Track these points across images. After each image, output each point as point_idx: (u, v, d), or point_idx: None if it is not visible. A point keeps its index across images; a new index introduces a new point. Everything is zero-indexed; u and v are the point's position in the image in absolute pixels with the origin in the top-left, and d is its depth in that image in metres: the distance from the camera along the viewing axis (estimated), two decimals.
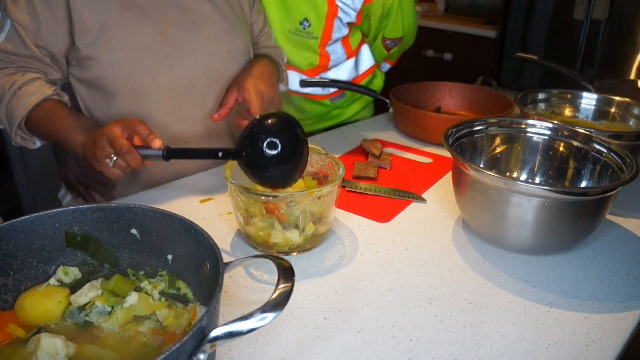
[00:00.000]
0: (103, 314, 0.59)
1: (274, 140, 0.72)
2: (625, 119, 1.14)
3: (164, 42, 0.99)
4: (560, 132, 0.92)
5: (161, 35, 0.99)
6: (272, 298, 0.47)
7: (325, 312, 0.68)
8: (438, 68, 3.41)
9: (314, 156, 0.87)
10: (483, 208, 0.79)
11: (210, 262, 0.55)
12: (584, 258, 0.81)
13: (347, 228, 0.88)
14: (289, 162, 0.74)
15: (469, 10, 3.58)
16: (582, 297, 0.72)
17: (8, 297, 0.59)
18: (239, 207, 0.78)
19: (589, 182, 0.89)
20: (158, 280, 0.63)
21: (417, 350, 0.61)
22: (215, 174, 1.08)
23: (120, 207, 0.62)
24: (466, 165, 0.77)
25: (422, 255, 0.81)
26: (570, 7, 2.45)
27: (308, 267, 0.77)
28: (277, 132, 0.73)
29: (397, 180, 1.07)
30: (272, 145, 0.72)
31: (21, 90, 0.92)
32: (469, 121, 0.93)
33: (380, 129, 1.38)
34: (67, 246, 0.62)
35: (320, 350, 0.61)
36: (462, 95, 1.48)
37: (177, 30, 1.00)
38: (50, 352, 0.52)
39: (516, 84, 2.82)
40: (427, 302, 0.70)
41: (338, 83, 1.36)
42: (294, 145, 0.74)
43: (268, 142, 0.72)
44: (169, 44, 0.99)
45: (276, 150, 0.72)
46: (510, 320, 0.67)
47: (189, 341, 0.42)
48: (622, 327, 0.66)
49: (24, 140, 0.96)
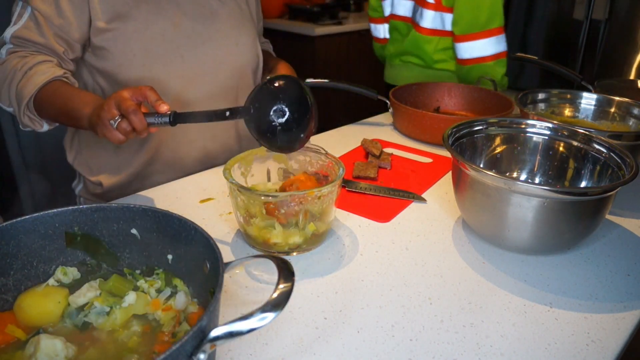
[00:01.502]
0: (102, 314, 0.59)
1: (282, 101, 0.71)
2: (625, 119, 1.14)
3: (176, 33, 1.03)
4: (560, 132, 0.92)
5: (174, 26, 1.03)
6: (272, 298, 0.47)
7: (325, 312, 0.68)
8: None
9: (314, 156, 0.88)
10: (483, 208, 0.79)
11: (210, 262, 0.55)
12: (584, 258, 0.81)
13: (347, 228, 0.88)
14: (298, 123, 0.74)
15: None
16: (582, 297, 0.72)
17: (8, 297, 0.59)
18: (239, 207, 0.78)
19: (589, 182, 0.89)
20: (154, 278, 0.63)
21: (417, 350, 0.61)
22: (215, 174, 1.09)
23: (120, 207, 0.62)
24: (466, 165, 0.77)
25: (422, 255, 0.81)
26: (570, 7, 2.45)
27: (308, 267, 0.77)
28: (286, 92, 0.72)
29: (397, 180, 1.07)
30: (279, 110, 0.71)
31: (31, 70, 0.92)
32: (468, 121, 0.93)
33: (380, 129, 1.38)
34: (68, 246, 0.62)
35: (320, 350, 0.61)
36: (461, 95, 1.48)
37: (188, 22, 1.05)
38: (50, 353, 0.52)
39: (516, 84, 2.82)
40: (427, 302, 0.70)
41: (338, 83, 1.37)
42: (302, 105, 0.74)
43: (276, 103, 0.71)
44: (181, 34, 1.04)
45: (285, 107, 0.71)
46: (510, 320, 0.67)
47: (189, 341, 0.42)
48: (622, 327, 0.66)
49: (31, 121, 0.96)
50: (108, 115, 0.80)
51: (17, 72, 0.92)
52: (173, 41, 1.03)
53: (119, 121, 0.79)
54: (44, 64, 0.94)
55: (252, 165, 0.87)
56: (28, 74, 0.92)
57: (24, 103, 0.92)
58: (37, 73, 0.92)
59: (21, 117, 0.95)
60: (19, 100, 0.93)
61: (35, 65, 0.93)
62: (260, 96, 0.74)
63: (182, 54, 1.04)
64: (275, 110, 0.71)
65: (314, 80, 1.39)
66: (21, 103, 0.92)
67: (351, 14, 3.54)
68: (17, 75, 0.92)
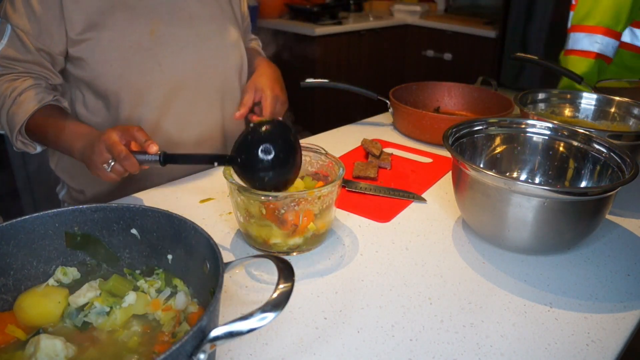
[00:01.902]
0: (102, 314, 0.59)
1: (268, 146, 0.73)
2: (625, 119, 1.14)
3: (152, 40, 1.01)
4: (560, 132, 0.92)
5: (150, 34, 1.00)
6: (272, 298, 0.47)
7: (325, 312, 0.68)
8: (438, 68, 3.41)
9: (314, 156, 0.88)
10: (483, 208, 0.79)
11: (210, 262, 0.55)
12: (584, 258, 0.81)
13: (347, 228, 0.88)
14: (283, 168, 0.75)
15: (469, 10, 3.58)
16: (582, 297, 0.72)
17: (8, 297, 0.59)
18: (239, 207, 0.78)
19: (589, 182, 0.89)
20: (154, 278, 0.63)
21: (417, 350, 0.61)
22: (215, 174, 1.08)
23: (120, 207, 0.62)
24: (466, 165, 0.77)
25: (422, 255, 0.81)
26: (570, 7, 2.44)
27: (308, 267, 0.77)
28: (271, 139, 0.74)
29: (397, 180, 1.07)
30: (266, 152, 0.73)
31: (21, 96, 0.92)
32: (469, 121, 0.93)
33: (380, 129, 1.38)
34: (68, 246, 0.62)
35: (320, 350, 0.61)
36: (461, 95, 1.48)
37: (166, 28, 1.02)
38: (50, 353, 0.52)
39: (516, 84, 2.83)
40: (427, 302, 0.70)
41: (338, 83, 1.37)
42: (287, 150, 0.75)
43: (262, 149, 0.73)
44: (158, 42, 1.01)
45: (270, 156, 0.73)
46: (510, 320, 0.67)
47: (189, 341, 0.42)
48: (622, 327, 0.66)
49: (24, 145, 0.97)
50: (100, 159, 0.82)
51: (6, 99, 0.92)
52: (150, 49, 1.00)
53: (112, 165, 0.81)
54: (34, 89, 0.93)
55: None
56: (18, 100, 0.92)
57: (16, 130, 0.93)
58: (27, 99, 0.92)
59: (14, 142, 0.95)
60: (10, 127, 0.94)
61: (25, 90, 0.93)
62: (244, 147, 0.75)
63: (159, 62, 1.01)
64: (262, 161, 0.73)
65: (314, 80, 1.39)
66: (13, 130, 0.93)
67: (351, 14, 3.54)
68: (6, 102, 0.92)
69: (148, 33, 1.00)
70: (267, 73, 1.14)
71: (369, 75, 3.41)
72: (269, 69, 1.17)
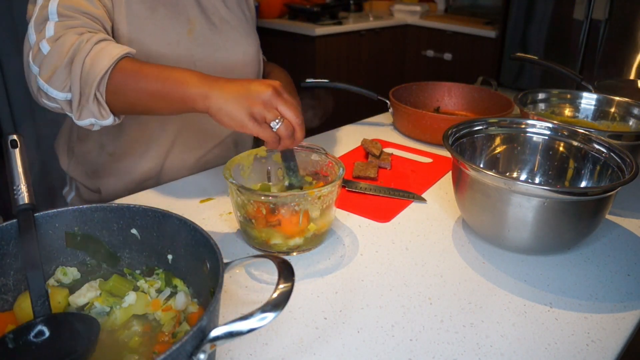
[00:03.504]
0: (102, 314, 0.59)
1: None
2: (625, 119, 1.14)
3: (190, 40, 1.02)
4: (560, 132, 0.92)
5: (188, 33, 1.02)
6: (272, 298, 0.47)
7: (325, 312, 0.68)
8: (438, 68, 3.41)
9: (314, 156, 0.88)
10: (483, 208, 0.79)
11: (210, 262, 0.55)
12: (584, 258, 0.81)
13: (347, 228, 0.88)
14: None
15: (469, 10, 3.58)
16: (582, 297, 0.72)
17: (8, 297, 0.59)
18: (239, 207, 0.78)
19: (589, 182, 0.89)
20: (154, 278, 0.63)
21: (417, 350, 0.61)
22: (215, 174, 1.09)
23: (120, 207, 0.62)
24: (466, 165, 0.77)
25: (422, 255, 0.81)
26: (570, 7, 2.45)
27: (308, 267, 0.77)
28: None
29: (397, 180, 1.07)
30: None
31: (100, 44, 0.79)
32: (468, 121, 0.93)
33: (380, 129, 1.38)
34: (68, 246, 0.62)
35: (320, 350, 0.61)
36: (461, 95, 1.48)
37: (201, 30, 1.04)
38: None
39: (516, 84, 2.82)
40: (427, 302, 0.70)
41: (338, 83, 1.37)
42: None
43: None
44: (195, 42, 1.03)
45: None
46: (510, 320, 0.67)
47: (189, 341, 0.42)
48: (622, 327, 0.66)
49: (99, 105, 0.80)
50: (271, 114, 0.72)
51: (82, 44, 0.78)
52: (188, 49, 1.02)
53: (280, 124, 0.73)
54: (111, 41, 0.81)
55: (252, 165, 0.88)
56: (97, 47, 0.78)
57: (97, 80, 0.77)
58: (108, 46, 0.78)
59: (90, 101, 0.79)
60: (89, 78, 0.77)
61: (102, 40, 0.80)
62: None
63: (195, 63, 1.03)
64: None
65: (314, 80, 1.39)
66: (92, 81, 0.77)
67: (351, 14, 3.54)
68: (82, 49, 0.77)
69: (186, 32, 1.02)
70: (280, 78, 1.17)
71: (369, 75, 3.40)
72: (282, 74, 1.20)
